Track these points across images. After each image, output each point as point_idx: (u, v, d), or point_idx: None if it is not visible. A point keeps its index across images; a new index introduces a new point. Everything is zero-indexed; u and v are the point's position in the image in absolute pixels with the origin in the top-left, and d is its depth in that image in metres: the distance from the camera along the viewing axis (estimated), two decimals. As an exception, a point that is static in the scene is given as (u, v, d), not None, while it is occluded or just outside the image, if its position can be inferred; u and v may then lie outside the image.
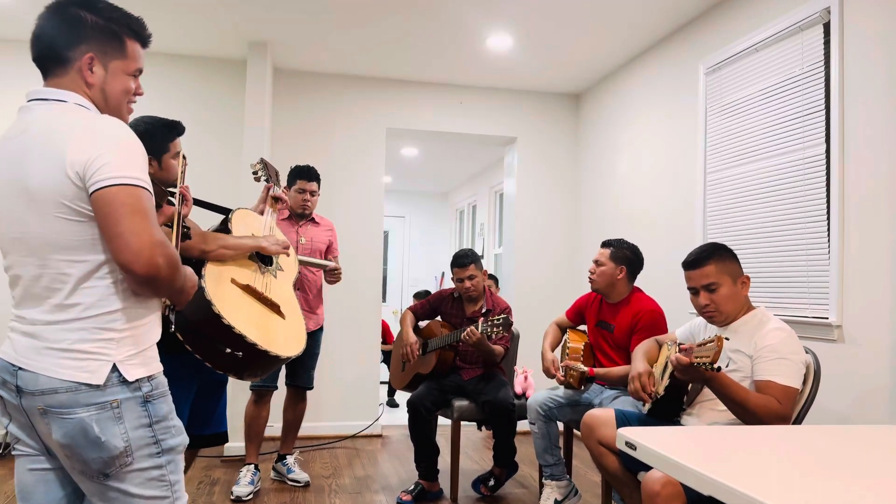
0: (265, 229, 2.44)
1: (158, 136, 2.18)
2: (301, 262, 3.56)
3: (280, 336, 2.06)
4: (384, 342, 6.25)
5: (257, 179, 2.89)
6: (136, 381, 1.36)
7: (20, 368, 1.33)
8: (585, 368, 3.04)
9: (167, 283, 1.33)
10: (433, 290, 6.14)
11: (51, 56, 1.40)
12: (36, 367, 1.32)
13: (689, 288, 2.45)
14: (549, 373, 3.24)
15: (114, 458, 1.34)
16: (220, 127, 4.69)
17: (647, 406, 2.48)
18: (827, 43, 2.87)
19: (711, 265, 2.38)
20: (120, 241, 1.27)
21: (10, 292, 1.42)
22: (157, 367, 1.43)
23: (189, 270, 1.46)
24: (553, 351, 3.35)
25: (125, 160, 1.30)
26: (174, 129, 2.21)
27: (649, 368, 2.55)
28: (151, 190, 1.34)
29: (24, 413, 1.36)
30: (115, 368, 1.34)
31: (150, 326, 1.43)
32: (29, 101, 1.41)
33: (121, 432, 1.34)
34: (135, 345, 1.38)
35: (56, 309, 1.33)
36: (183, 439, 1.46)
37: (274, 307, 2.12)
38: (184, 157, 1.97)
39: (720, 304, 2.37)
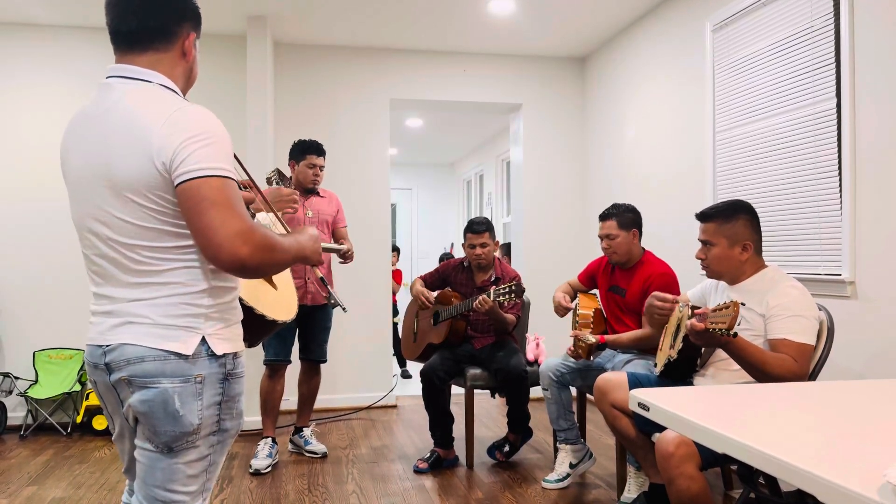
0: (267, 221, 2.44)
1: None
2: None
3: (270, 302, 2.10)
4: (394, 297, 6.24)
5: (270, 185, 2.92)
6: (223, 355, 1.36)
7: (107, 346, 1.33)
8: (594, 339, 2.98)
9: (260, 268, 1.29)
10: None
11: (157, 30, 1.37)
12: (121, 339, 1.31)
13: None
14: (559, 309, 3.26)
15: (185, 434, 1.33)
16: (222, 104, 4.64)
17: (660, 368, 2.49)
18: (837, -7, 2.80)
19: (712, 224, 2.40)
20: (202, 237, 1.25)
21: (87, 273, 1.41)
22: (241, 346, 1.43)
23: (303, 237, 1.45)
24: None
25: (209, 150, 1.27)
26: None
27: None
28: (235, 177, 1.31)
29: (114, 391, 1.36)
30: (203, 341, 1.33)
31: (235, 303, 1.43)
32: (108, 77, 1.37)
33: (197, 409, 1.33)
34: (222, 320, 1.38)
35: (141, 287, 1.32)
36: (238, 424, 1.44)
37: (267, 279, 2.15)
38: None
39: (710, 262, 2.42)
